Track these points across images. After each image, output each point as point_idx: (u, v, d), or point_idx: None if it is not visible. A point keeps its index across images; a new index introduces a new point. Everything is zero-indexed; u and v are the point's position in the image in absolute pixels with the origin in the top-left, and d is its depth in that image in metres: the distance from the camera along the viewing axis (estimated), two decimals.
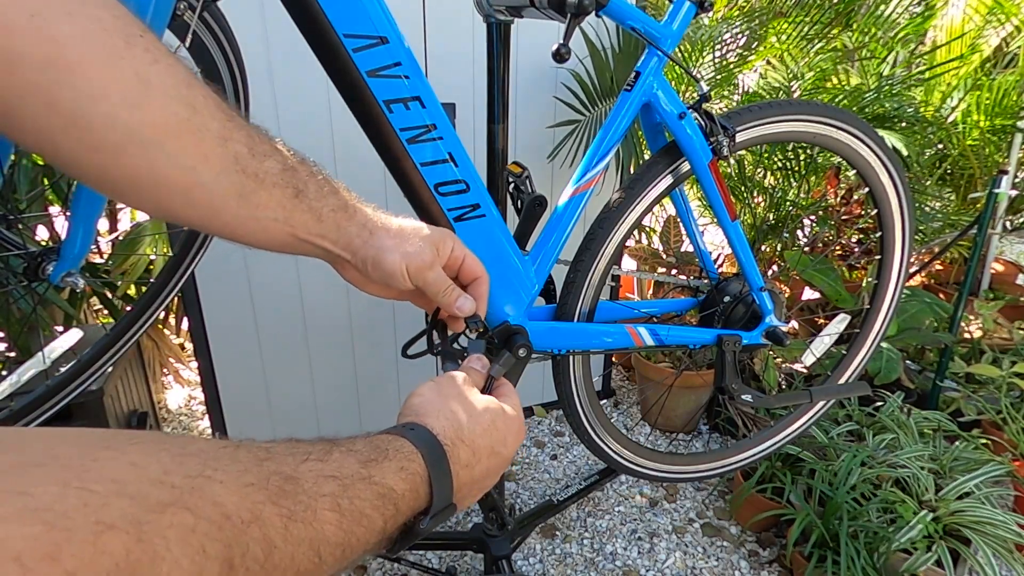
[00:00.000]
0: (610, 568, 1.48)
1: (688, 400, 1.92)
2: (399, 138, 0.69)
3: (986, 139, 2.23)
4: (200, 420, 1.95)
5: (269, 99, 1.38)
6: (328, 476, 0.36)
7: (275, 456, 0.35)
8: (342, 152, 1.48)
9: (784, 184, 2.08)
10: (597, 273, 0.97)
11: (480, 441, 0.47)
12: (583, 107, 1.60)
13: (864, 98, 1.84)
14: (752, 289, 1.07)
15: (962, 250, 2.46)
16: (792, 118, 0.99)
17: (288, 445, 0.37)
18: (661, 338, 1.02)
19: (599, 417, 1.12)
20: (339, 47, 0.62)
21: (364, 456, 0.39)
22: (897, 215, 1.14)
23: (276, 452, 0.35)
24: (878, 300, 1.23)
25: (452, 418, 0.47)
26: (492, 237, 0.82)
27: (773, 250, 2.18)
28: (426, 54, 1.47)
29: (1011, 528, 1.24)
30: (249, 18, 1.30)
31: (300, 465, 0.35)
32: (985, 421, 1.76)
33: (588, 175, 0.91)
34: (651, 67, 0.90)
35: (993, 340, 2.04)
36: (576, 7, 0.74)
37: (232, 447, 0.33)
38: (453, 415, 0.47)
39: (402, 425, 0.45)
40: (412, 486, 0.41)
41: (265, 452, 0.35)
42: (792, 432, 1.33)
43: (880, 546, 1.27)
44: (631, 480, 1.75)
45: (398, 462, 0.40)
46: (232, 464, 0.32)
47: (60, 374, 0.95)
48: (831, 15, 1.89)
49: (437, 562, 1.46)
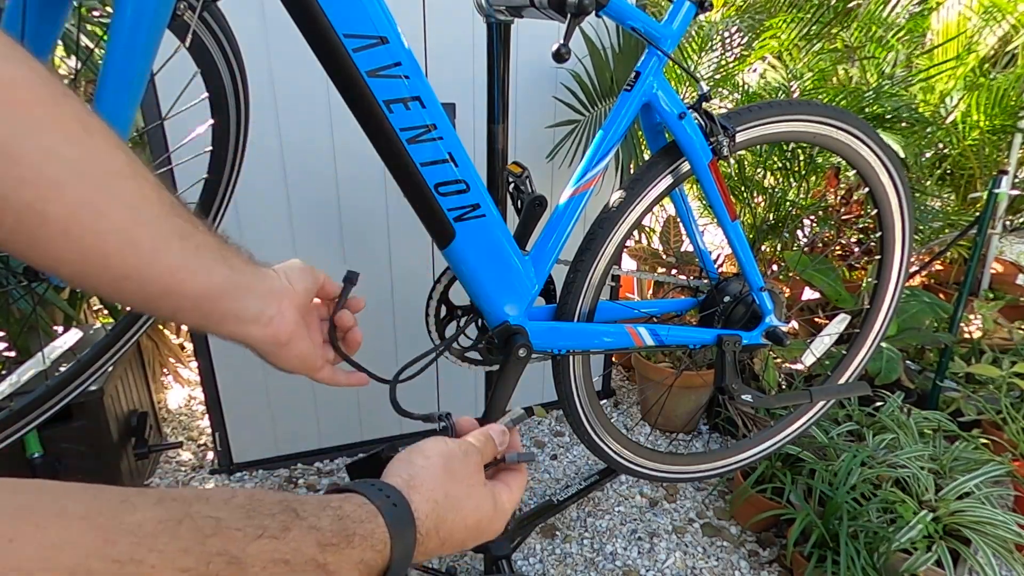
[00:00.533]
0: (610, 568, 1.48)
1: (688, 400, 1.92)
2: (399, 138, 0.69)
3: (986, 139, 2.23)
4: (200, 420, 1.95)
5: (269, 99, 1.38)
6: (279, 560, 0.33)
7: (223, 530, 0.31)
8: (342, 152, 1.48)
9: (784, 184, 2.08)
10: (597, 273, 0.97)
11: (456, 536, 0.45)
12: (582, 107, 1.60)
13: (864, 98, 1.84)
14: (752, 289, 1.07)
15: (962, 250, 2.46)
16: (792, 118, 0.99)
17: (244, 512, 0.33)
18: (661, 338, 1.02)
19: (599, 417, 1.12)
20: (339, 47, 0.62)
21: (326, 537, 0.35)
22: (897, 215, 1.14)
23: (226, 524, 0.32)
24: (878, 300, 1.23)
25: (441, 505, 0.43)
26: (492, 237, 0.82)
27: (773, 250, 2.18)
28: (426, 54, 1.47)
29: (1011, 528, 1.24)
30: (249, 18, 1.30)
31: (250, 545, 0.32)
32: (985, 421, 1.76)
33: (588, 175, 0.91)
34: (651, 67, 0.90)
35: (993, 340, 2.04)
36: (576, 7, 0.74)
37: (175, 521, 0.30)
38: (444, 502, 0.44)
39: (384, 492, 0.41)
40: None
41: (213, 525, 0.31)
42: (792, 432, 1.33)
43: (880, 546, 1.27)
44: (631, 480, 1.75)
45: (361, 552, 0.37)
46: (171, 542, 0.29)
47: (60, 374, 0.95)
48: (830, 14, 1.89)
49: (437, 562, 1.46)
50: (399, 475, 0.44)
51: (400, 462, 0.45)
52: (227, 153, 0.91)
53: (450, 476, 0.45)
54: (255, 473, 1.73)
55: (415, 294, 1.35)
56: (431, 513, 0.42)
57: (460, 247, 0.80)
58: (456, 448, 0.48)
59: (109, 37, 0.63)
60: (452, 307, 0.95)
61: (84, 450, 1.42)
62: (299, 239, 1.54)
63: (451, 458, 0.46)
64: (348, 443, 1.82)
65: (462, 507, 0.45)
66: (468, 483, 0.47)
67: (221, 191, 0.94)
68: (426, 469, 0.45)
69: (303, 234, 1.54)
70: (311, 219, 1.53)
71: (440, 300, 0.93)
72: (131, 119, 0.69)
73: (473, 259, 0.82)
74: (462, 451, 0.48)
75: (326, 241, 1.57)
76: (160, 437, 1.83)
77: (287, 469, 1.76)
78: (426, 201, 0.74)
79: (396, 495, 0.41)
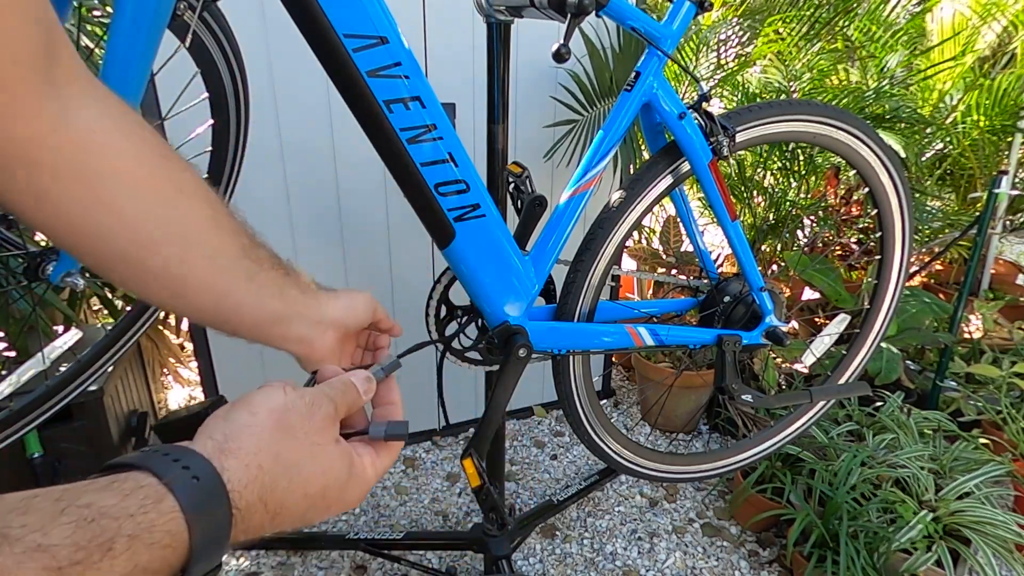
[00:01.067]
0: (610, 568, 1.48)
1: (688, 400, 1.92)
2: (399, 138, 0.69)
3: (986, 139, 2.23)
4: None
5: (269, 99, 1.38)
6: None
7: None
8: (342, 152, 1.48)
9: (784, 184, 2.08)
10: (597, 273, 0.97)
11: (292, 507, 0.37)
12: (581, 107, 1.60)
13: (864, 98, 1.84)
14: (752, 289, 1.07)
15: (962, 250, 2.46)
16: (792, 118, 0.99)
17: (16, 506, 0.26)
18: (661, 338, 1.02)
19: (599, 417, 1.12)
20: (339, 47, 0.62)
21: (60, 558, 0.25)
22: (897, 215, 1.14)
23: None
24: (878, 300, 1.23)
25: (268, 470, 0.36)
26: (492, 237, 0.82)
27: (773, 250, 2.18)
28: (426, 54, 1.47)
29: (1011, 528, 1.24)
30: (249, 18, 1.30)
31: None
32: (985, 421, 1.76)
33: (588, 175, 0.91)
34: (651, 67, 0.90)
35: (993, 340, 2.04)
36: (576, 7, 0.74)
37: None
38: (273, 467, 0.36)
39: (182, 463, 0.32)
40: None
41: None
42: (792, 432, 1.33)
43: (880, 546, 1.27)
44: (631, 480, 1.75)
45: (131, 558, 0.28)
46: None
47: (60, 374, 0.95)
48: (830, 14, 1.89)
49: (437, 562, 1.46)
50: (211, 437, 0.36)
51: (215, 419, 0.37)
52: (227, 153, 0.91)
53: (285, 433, 0.38)
54: None
55: (415, 294, 1.35)
56: (253, 481, 0.35)
57: (460, 247, 0.80)
58: (297, 398, 0.40)
59: (109, 37, 0.63)
60: (452, 307, 0.95)
61: (84, 450, 1.42)
62: (299, 239, 1.54)
63: (288, 411, 0.39)
64: None
65: (301, 471, 0.38)
66: (311, 441, 0.39)
67: (221, 191, 0.94)
68: (249, 427, 0.37)
69: (303, 234, 1.54)
70: (311, 219, 1.53)
71: (440, 300, 0.93)
72: None
73: (473, 259, 0.82)
74: (307, 403, 0.40)
75: (326, 241, 1.56)
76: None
77: None
78: (426, 201, 0.74)
79: (200, 464, 0.33)
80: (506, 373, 0.90)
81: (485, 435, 0.93)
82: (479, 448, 0.91)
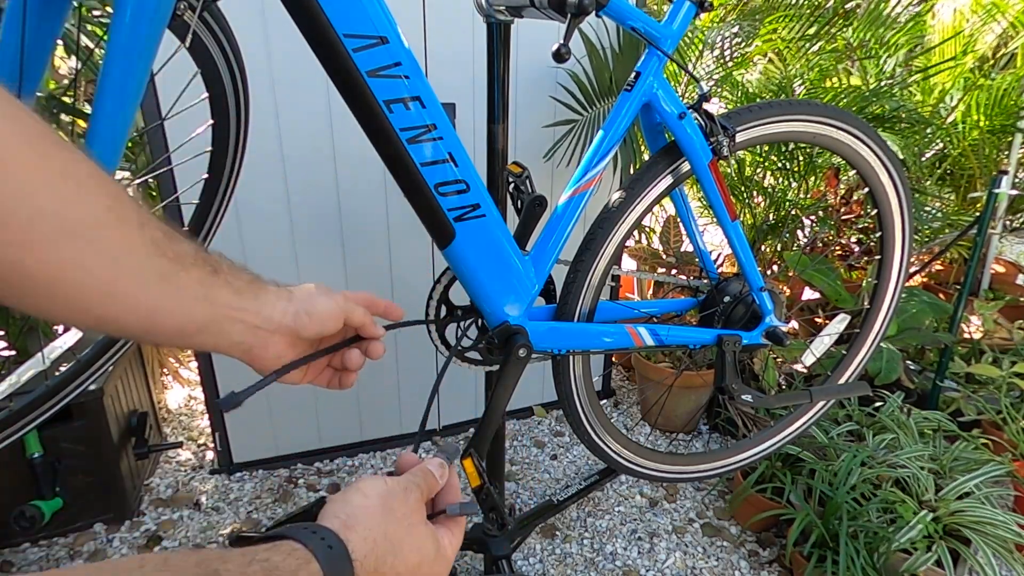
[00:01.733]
0: (610, 568, 1.48)
1: (688, 400, 1.92)
2: (399, 138, 0.69)
3: (986, 139, 2.23)
4: (200, 420, 1.95)
5: (269, 99, 1.38)
6: None
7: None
8: (342, 152, 1.48)
9: (784, 184, 2.08)
10: (597, 273, 0.97)
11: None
12: (581, 107, 1.60)
13: (864, 98, 1.84)
14: (752, 289, 1.07)
15: (962, 250, 2.46)
16: (792, 118, 0.99)
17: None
18: (661, 338, 1.02)
19: (599, 417, 1.12)
20: (339, 47, 0.62)
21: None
22: (897, 215, 1.14)
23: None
24: (878, 300, 1.23)
25: (380, 545, 0.42)
26: (492, 237, 0.82)
27: (773, 250, 2.18)
28: (426, 54, 1.47)
29: (1011, 528, 1.24)
30: (249, 18, 1.30)
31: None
32: (985, 421, 1.76)
33: (588, 175, 0.91)
34: (651, 67, 0.90)
35: (993, 340, 2.04)
36: (576, 7, 0.74)
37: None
38: (384, 542, 0.42)
39: (319, 535, 0.40)
40: None
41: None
42: (792, 432, 1.33)
43: (880, 546, 1.27)
44: (631, 480, 1.75)
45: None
46: None
47: (60, 374, 0.95)
48: (829, 13, 1.89)
49: None
50: (336, 516, 0.42)
51: (336, 503, 0.44)
52: (227, 153, 0.91)
53: (389, 515, 0.44)
54: (255, 473, 1.73)
55: (415, 294, 1.35)
56: (370, 553, 0.41)
57: (460, 247, 0.80)
58: (395, 486, 0.47)
59: (109, 37, 0.63)
60: (452, 307, 0.95)
61: (84, 450, 1.42)
62: (299, 239, 1.54)
63: (390, 496, 0.45)
64: (348, 443, 1.82)
65: (403, 547, 0.44)
66: (408, 522, 0.45)
67: (221, 191, 0.94)
68: (364, 508, 0.43)
69: (303, 234, 1.54)
70: (311, 219, 1.53)
71: (440, 300, 0.93)
72: (131, 119, 0.69)
73: (473, 259, 0.82)
74: (401, 488, 0.47)
75: (326, 241, 1.56)
76: (160, 437, 1.83)
77: (287, 469, 1.76)
78: (426, 201, 0.74)
79: (331, 536, 0.40)
80: (506, 373, 0.90)
81: (485, 435, 0.93)
82: (479, 448, 0.91)
